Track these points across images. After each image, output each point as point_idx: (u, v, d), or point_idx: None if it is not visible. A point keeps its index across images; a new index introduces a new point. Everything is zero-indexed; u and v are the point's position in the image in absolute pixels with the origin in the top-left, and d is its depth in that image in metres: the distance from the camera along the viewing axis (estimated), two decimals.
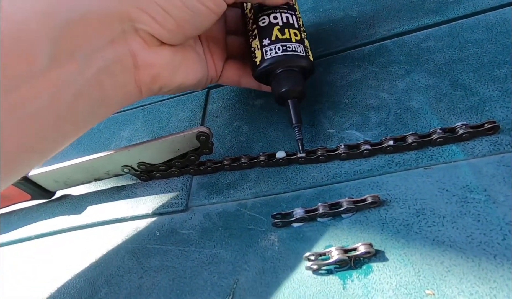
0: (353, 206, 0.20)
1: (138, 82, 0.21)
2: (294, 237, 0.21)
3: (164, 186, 0.28)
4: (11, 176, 0.18)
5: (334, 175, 0.23)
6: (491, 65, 0.25)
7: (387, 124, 0.25)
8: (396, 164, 0.22)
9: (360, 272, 0.18)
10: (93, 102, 0.19)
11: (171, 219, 0.26)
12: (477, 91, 0.24)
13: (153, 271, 0.23)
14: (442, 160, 0.21)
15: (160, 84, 0.22)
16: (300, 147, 0.23)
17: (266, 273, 0.20)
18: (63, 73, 0.17)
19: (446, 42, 0.29)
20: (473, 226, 0.18)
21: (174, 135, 0.24)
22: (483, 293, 0.15)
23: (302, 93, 0.24)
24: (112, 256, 0.25)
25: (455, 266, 0.17)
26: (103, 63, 0.18)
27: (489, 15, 0.29)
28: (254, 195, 0.24)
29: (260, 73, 0.24)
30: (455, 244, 0.17)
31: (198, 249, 0.23)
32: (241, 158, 0.26)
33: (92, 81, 0.18)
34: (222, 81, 0.28)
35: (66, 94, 0.17)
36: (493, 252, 0.16)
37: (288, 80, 0.24)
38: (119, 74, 0.19)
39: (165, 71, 0.21)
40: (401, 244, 0.18)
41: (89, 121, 0.20)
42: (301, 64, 0.24)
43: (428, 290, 0.16)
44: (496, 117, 0.22)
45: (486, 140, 0.21)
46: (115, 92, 0.20)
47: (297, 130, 0.24)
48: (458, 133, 0.21)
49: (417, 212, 0.19)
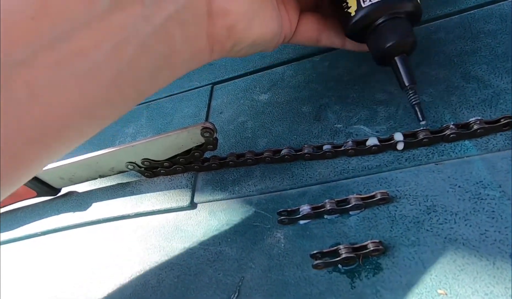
0: (362, 203, 0.20)
1: (211, 36, 0.18)
2: (301, 235, 0.21)
3: (169, 183, 0.27)
4: (62, 146, 0.15)
5: (341, 171, 0.22)
6: (506, 57, 0.24)
7: (396, 119, 0.24)
8: (406, 160, 0.21)
9: (369, 271, 0.18)
10: (158, 59, 0.16)
11: (176, 216, 0.25)
12: (490, 84, 0.23)
13: (158, 268, 0.23)
14: (454, 155, 0.20)
15: (235, 39, 0.19)
16: (419, 113, 0.19)
17: (272, 271, 0.20)
18: (126, 18, 0.14)
19: (457, 33, 0.28)
20: (487, 224, 0.17)
21: (178, 131, 0.23)
22: (498, 292, 0.15)
23: (413, 45, 0.20)
24: (117, 253, 0.25)
25: (469, 264, 0.16)
26: (173, 8, 0.15)
27: (503, 4, 0.28)
28: (259, 192, 0.24)
29: (356, 26, 0.20)
30: (468, 242, 0.17)
31: (203, 246, 0.22)
32: (245, 154, 0.25)
33: (160, 31, 0.15)
34: (298, 38, 0.23)
35: (129, 45, 0.14)
36: (508, 250, 0.16)
37: (394, 31, 0.19)
38: (190, 24, 0.16)
39: (241, 21, 0.18)
40: (411, 242, 0.18)
41: (150, 84, 0.17)
42: (409, 9, 0.19)
43: (440, 289, 0.16)
44: (511, 110, 0.21)
45: (501, 134, 0.20)
46: (184, 48, 0.17)
47: (411, 93, 0.20)
48: (473, 129, 0.20)
49: (428, 209, 0.19)
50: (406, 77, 0.20)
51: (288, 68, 0.34)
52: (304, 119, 0.27)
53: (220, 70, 0.38)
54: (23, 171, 0.14)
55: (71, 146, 0.16)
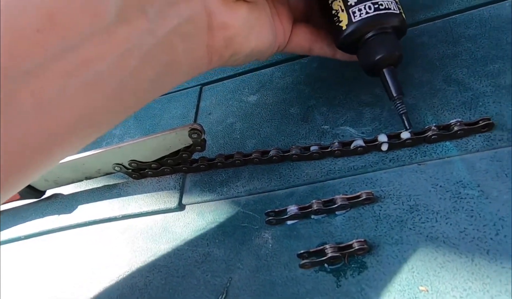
0: (347, 203, 0.20)
1: (210, 47, 0.18)
2: (288, 235, 0.21)
3: (157, 184, 0.27)
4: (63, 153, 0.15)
5: (328, 171, 0.23)
6: (485, 60, 0.25)
7: (381, 120, 0.24)
8: (390, 160, 0.22)
9: (354, 269, 0.18)
10: (160, 69, 0.16)
11: (164, 217, 0.25)
12: (470, 87, 0.24)
13: (145, 270, 0.23)
14: (436, 156, 0.21)
15: (233, 49, 0.19)
16: (406, 122, 0.20)
17: (260, 271, 0.20)
18: (131, 31, 0.14)
19: (440, 37, 0.29)
20: (466, 222, 0.18)
21: (166, 132, 0.23)
22: (476, 288, 0.15)
23: (400, 58, 0.21)
24: (104, 256, 0.25)
25: (449, 262, 0.16)
26: (176, 22, 0.16)
27: (483, 10, 0.29)
28: (247, 193, 0.24)
29: (346, 40, 0.21)
30: (449, 239, 0.17)
31: (191, 247, 0.22)
32: (234, 155, 0.25)
33: (163, 43, 0.15)
34: (291, 47, 0.24)
35: (133, 56, 0.14)
36: (486, 247, 0.16)
37: (383, 45, 0.20)
38: (191, 36, 0.17)
39: (239, 33, 0.19)
40: (395, 240, 0.18)
41: (151, 92, 0.17)
42: (396, 24, 0.20)
43: (422, 286, 0.16)
44: (489, 112, 0.22)
45: (480, 136, 0.21)
46: (185, 58, 0.17)
47: (399, 103, 0.21)
48: (453, 130, 0.21)
49: (411, 208, 0.19)
50: (394, 88, 0.21)
51: (276, 69, 0.34)
52: (292, 120, 0.28)
53: (209, 71, 0.38)
54: (23, 178, 0.15)
55: (71, 152, 0.16)
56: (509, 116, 0.21)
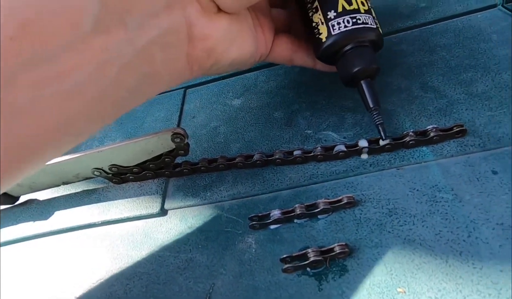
0: (329, 207, 0.20)
1: (191, 57, 0.18)
2: (271, 239, 0.21)
3: (138, 189, 0.27)
4: (38, 161, 0.15)
5: (311, 176, 0.23)
6: (459, 69, 0.26)
7: (362, 125, 0.25)
8: (371, 165, 0.22)
9: (335, 273, 0.18)
10: (140, 79, 0.16)
11: (146, 223, 0.25)
12: (445, 94, 0.25)
13: (125, 278, 0.22)
14: (413, 160, 0.22)
15: (214, 60, 0.19)
16: (382, 132, 0.21)
17: (243, 276, 0.20)
18: (110, 41, 0.14)
19: (417, 45, 0.30)
20: (441, 225, 0.18)
21: (148, 136, 0.23)
22: (450, 289, 0.16)
23: (377, 71, 0.22)
24: (81, 264, 0.24)
25: (425, 263, 0.17)
26: (156, 33, 0.16)
27: (457, 21, 0.31)
28: (231, 197, 0.24)
29: (326, 52, 0.22)
30: (425, 242, 0.18)
31: (173, 253, 0.22)
32: (217, 159, 0.25)
33: (143, 54, 0.15)
34: (273, 57, 0.25)
35: (112, 66, 0.14)
36: (459, 249, 0.17)
37: (360, 58, 0.21)
38: (172, 47, 0.17)
39: (220, 44, 0.19)
40: (375, 243, 0.19)
41: (130, 101, 0.17)
42: (373, 38, 0.21)
43: (400, 288, 0.17)
44: (463, 119, 0.23)
45: (454, 141, 0.22)
46: (165, 68, 0.17)
47: (375, 114, 0.21)
48: (429, 136, 0.22)
49: (390, 212, 0.20)
50: (371, 99, 0.21)
51: (261, 73, 0.34)
52: (276, 125, 0.28)
53: None
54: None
55: (47, 160, 0.16)
56: (480, 122, 0.22)
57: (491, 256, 0.16)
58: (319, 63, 0.25)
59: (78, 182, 0.28)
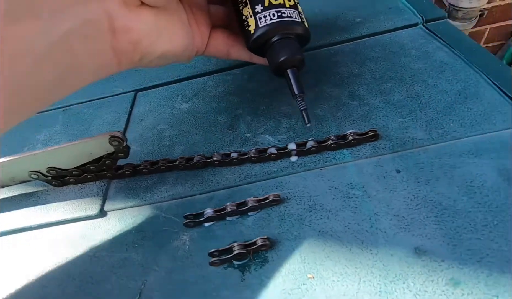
0: (257, 205, 0.22)
1: (116, 50, 0.18)
2: (204, 236, 0.22)
3: (79, 192, 0.27)
4: None
5: (246, 176, 0.25)
6: (381, 80, 0.29)
7: (295, 130, 0.27)
8: (298, 166, 0.24)
9: (258, 264, 0.20)
10: (61, 69, 0.16)
11: (84, 225, 0.25)
12: (368, 102, 0.28)
13: (60, 279, 0.22)
14: (335, 161, 0.24)
15: (141, 53, 0.19)
16: (305, 117, 0.22)
17: (175, 272, 0.21)
18: (21, 32, 0.14)
19: (351, 57, 0.33)
20: (350, 218, 0.21)
21: (85, 139, 0.23)
22: (350, 272, 0.18)
23: (302, 62, 0.23)
24: (16, 266, 0.24)
25: (333, 252, 0.19)
26: (73, 24, 0.16)
27: (385, 36, 0.34)
28: (170, 198, 0.25)
29: (255, 43, 0.23)
30: (335, 233, 0.20)
31: (109, 253, 0.23)
32: (159, 161, 0.26)
33: (60, 45, 0.16)
34: (210, 52, 0.25)
35: (26, 57, 0.14)
36: (362, 238, 0.20)
37: (286, 48, 0.22)
38: (92, 38, 0.17)
39: (146, 37, 0.19)
40: (294, 236, 0.21)
41: (54, 92, 0.17)
42: (298, 31, 0.23)
43: (310, 274, 0.19)
44: (379, 124, 0.26)
45: (369, 144, 0.24)
46: (88, 60, 0.17)
47: (300, 100, 0.22)
48: (348, 140, 0.24)
49: (310, 207, 0.22)
50: (296, 86, 0.23)
51: (210, 78, 0.36)
52: (219, 128, 0.29)
53: (145, 78, 0.38)
54: None
55: None
56: (392, 128, 0.25)
57: (386, 243, 0.19)
58: (255, 56, 0.26)
59: (15, 186, 0.27)
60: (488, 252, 0.18)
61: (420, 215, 0.20)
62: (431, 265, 0.18)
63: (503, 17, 1.02)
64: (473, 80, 0.27)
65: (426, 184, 0.21)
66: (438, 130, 0.24)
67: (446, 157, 0.22)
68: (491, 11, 1.00)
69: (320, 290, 0.18)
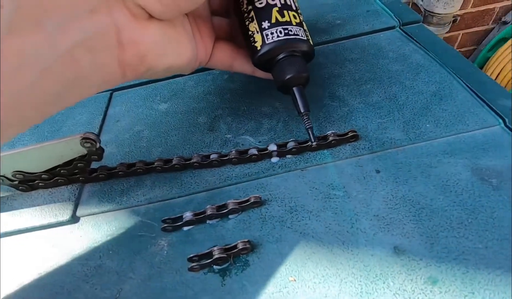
0: (238, 207, 0.22)
1: (122, 62, 0.18)
2: (184, 240, 0.22)
3: (49, 197, 0.25)
4: None
5: (226, 178, 0.24)
6: (360, 81, 0.30)
7: (276, 131, 0.27)
8: (279, 167, 0.24)
9: (238, 268, 0.20)
10: (65, 82, 0.16)
11: (54, 232, 0.24)
12: (347, 103, 0.28)
13: (29, 291, 0.21)
14: (315, 162, 0.24)
15: (148, 65, 0.19)
16: (311, 136, 0.22)
17: (152, 279, 0.20)
18: (26, 44, 0.14)
19: (331, 59, 0.33)
20: (331, 218, 0.21)
21: (55, 141, 0.22)
22: (331, 273, 0.18)
23: (307, 80, 0.23)
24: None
25: (314, 253, 0.19)
26: (79, 36, 0.15)
27: (364, 38, 0.35)
28: (147, 201, 0.24)
29: (261, 59, 0.23)
30: (316, 234, 0.20)
31: (81, 261, 0.21)
32: (136, 164, 0.25)
33: (66, 58, 0.15)
34: (213, 63, 0.25)
35: (29, 70, 0.14)
36: (342, 239, 0.20)
37: (292, 66, 0.23)
38: (99, 51, 0.17)
39: (153, 50, 0.19)
40: (275, 238, 0.20)
41: (56, 104, 0.17)
42: (304, 49, 0.23)
43: (291, 276, 0.18)
44: (358, 125, 0.26)
45: (349, 145, 0.25)
46: (94, 73, 0.17)
47: (306, 119, 0.23)
48: (329, 140, 0.24)
49: (291, 209, 0.22)
50: (302, 105, 0.23)
51: (189, 78, 0.35)
52: (199, 129, 0.29)
53: None
54: None
55: None
56: (371, 128, 0.25)
57: (366, 243, 0.19)
58: (258, 70, 0.26)
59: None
60: (463, 249, 0.18)
61: (399, 214, 0.20)
62: (410, 264, 0.18)
63: (474, 23, 1.08)
64: (447, 82, 0.28)
65: (404, 183, 0.22)
66: (415, 131, 0.25)
67: (423, 157, 0.23)
68: (463, 17, 1.05)
69: (302, 293, 0.18)
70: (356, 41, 0.35)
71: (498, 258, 0.17)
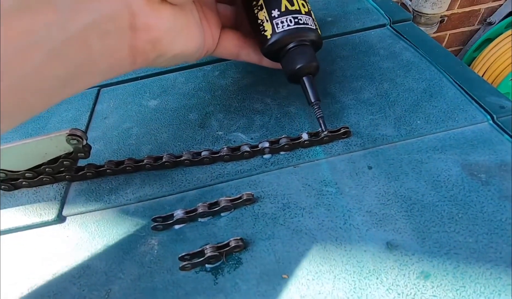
0: (230, 205, 0.21)
1: (134, 48, 0.17)
2: (175, 239, 0.21)
3: (33, 196, 0.24)
4: None
5: (218, 175, 0.24)
6: (352, 78, 0.30)
7: (268, 127, 0.27)
8: (272, 164, 0.24)
9: (231, 266, 0.19)
10: (73, 67, 0.15)
11: (40, 232, 0.23)
12: (339, 100, 0.28)
13: (12, 295, 0.20)
14: (308, 159, 0.24)
15: (159, 51, 0.19)
16: (322, 125, 0.22)
17: (142, 279, 0.20)
18: (36, 22, 0.13)
19: (323, 56, 0.33)
20: (324, 215, 0.21)
21: (39, 137, 0.21)
22: (324, 270, 0.18)
23: (317, 69, 0.23)
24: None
25: (307, 250, 0.19)
26: (91, 18, 0.15)
27: (355, 36, 0.35)
28: (137, 200, 0.23)
29: (271, 48, 0.22)
30: (310, 231, 0.20)
31: (68, 262, 0.21)
32: (125, 161, 0.25)
33: (76, 40, 0.14)
34: (219, 52, 0.25)
35: (37, 50, 0.13)
36: (335, 235, 0.19)
37: (302, 56, 0.22)
38: (111, 35, 0.16)
39: (165, 36, 0.18)
40: (268, 236, 0.20)
41: (60, 91, 0.16)
42: (313, 38, 0.23)
43: (284, 274, 0.18)
44: (350, 122, 0.26)
45: (341, 141, 0.24)
46: (103, 58, 0.16)
47: (316, 108, 0.23)
48: (321, 137, 0.24)
49: (284, 206, 0.21)
50: (312, 94, 0.23)
51: (180, 75, 0.34)
52: (189, 126, 0.28)
53: None
54: None
55: None
56: (363, 125, 0.25)
57: (359, 239, 0.19)
58: (265, 59, 0.26)
59: None
60: (454, 244, 0.18)
61: (391, 210, 0.20)
62: (402, 259, 0.18)
63: (460, 24, 1.10)
64: (437, 79, 0.28)
65: (396, 179, 0.22)
66: (406, 127, 0.25)
67: (414, 153, 0.23)
68: (450, 18, 1.07)
69: (295, 290, 0.18)
70: (347, 39, 0.35)
71: (488, 252, 0.18)
